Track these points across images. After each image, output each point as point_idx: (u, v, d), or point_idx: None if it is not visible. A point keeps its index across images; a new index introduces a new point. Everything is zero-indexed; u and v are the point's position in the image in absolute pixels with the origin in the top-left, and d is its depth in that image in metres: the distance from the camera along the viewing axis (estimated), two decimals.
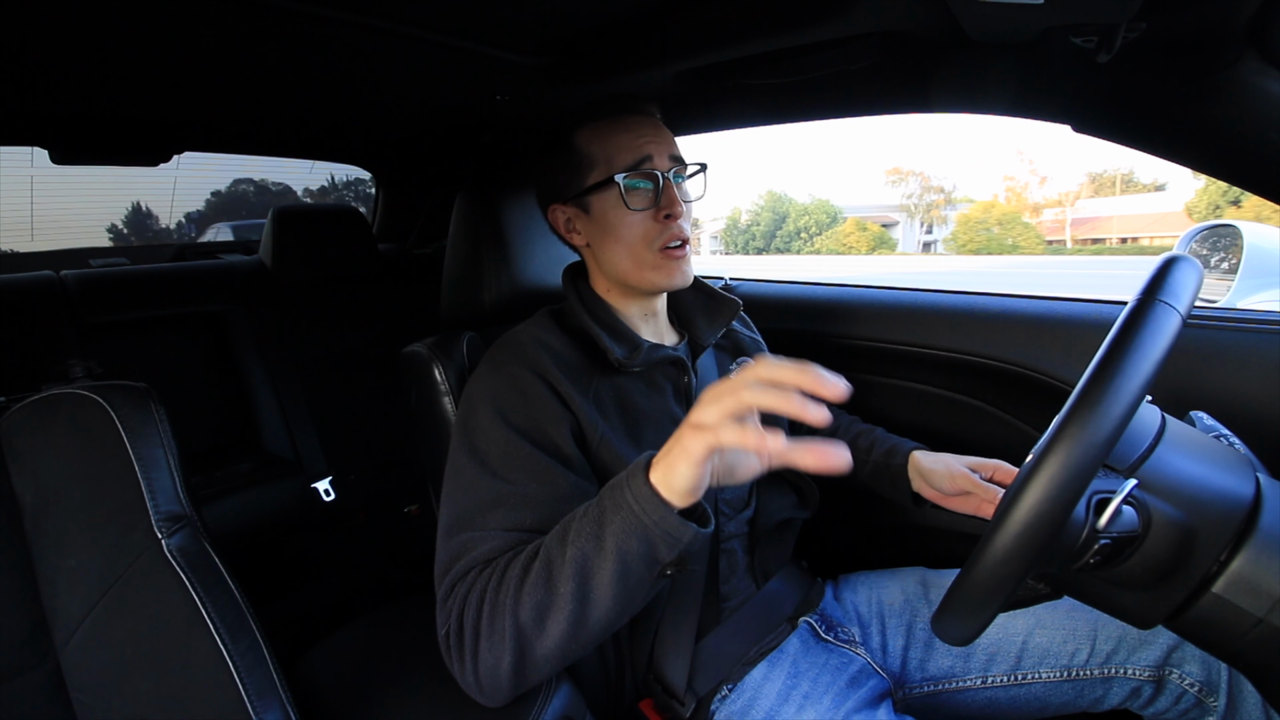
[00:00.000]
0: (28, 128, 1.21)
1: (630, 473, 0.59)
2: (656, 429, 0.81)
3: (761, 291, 1.45)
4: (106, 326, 1.50)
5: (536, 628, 0.59)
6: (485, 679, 0.61)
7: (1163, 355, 0.46)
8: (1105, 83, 0.74)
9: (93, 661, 0.62)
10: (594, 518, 0.59)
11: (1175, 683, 0.79)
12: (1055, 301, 1.11)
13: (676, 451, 0.55)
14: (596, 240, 0.84)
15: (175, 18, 0.71)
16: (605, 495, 0.60)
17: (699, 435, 0.53)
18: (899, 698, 0.90)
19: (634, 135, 0.80)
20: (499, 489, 0.68)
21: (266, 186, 3.88)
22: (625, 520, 0.57)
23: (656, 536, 0.56)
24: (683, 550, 0.58)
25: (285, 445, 1.65)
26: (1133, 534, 0.49)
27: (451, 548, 0.68)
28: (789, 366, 0.50)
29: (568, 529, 0.61)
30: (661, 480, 0.56)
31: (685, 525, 0.57)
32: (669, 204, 0.80)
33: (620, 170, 0.79)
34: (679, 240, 0.81)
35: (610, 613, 0.59)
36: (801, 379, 0.50)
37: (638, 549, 0.57)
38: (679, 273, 0.82)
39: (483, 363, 0.80)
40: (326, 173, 3.59)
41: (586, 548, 0.58)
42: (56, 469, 0.65)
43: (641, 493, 0.57)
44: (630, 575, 0.58)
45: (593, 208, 0.83)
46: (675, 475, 0.55)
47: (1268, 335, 0.89)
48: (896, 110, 1.07)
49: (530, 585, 0.59)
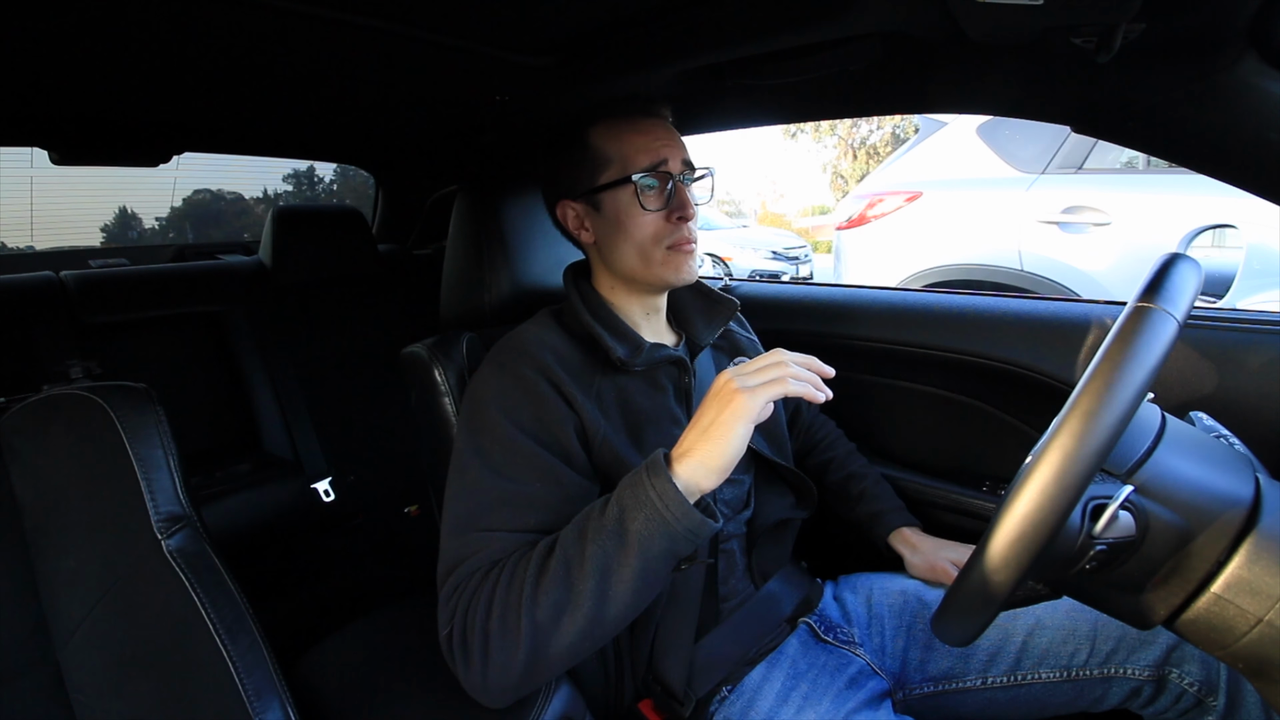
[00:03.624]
0: (28, 128, 1.21)
1: (649, 469, 0.60)
2: (657, 429, 0.81)
3: (761, 292, 1.45)
4: (106, 327, 1.49)
5: (553, 626, 0.59)
6: (494, 679, 0.61)
7: (1158, 363, 0.46)
8: (1105, 83, 0.74)
9: (92, 662, 0.62)
10: (614, 516, 0.60)
11: (1175, 683, 0.79)
12: (1055, 301, 1.11)
13: (725, 420, 0.60)
14: (607, 237, 0.85)
15: (176, 19, 0.71)
16: (624, 493, 0.61)
17: (755, 394, 0.60)
18: (899, 698, 0.90)
19: (651, 137, 0.83)
20: (505, 489, 0.69)
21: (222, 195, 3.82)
22: (649, 517, 0.58)
23: (679, 533, 0.58)
24: (698, 544, 0.60)
25: (285, 446, 1.65)
26: (1130, 539, 0.49)
27: (456, 548, 0.67)
28: (799, 355, 0.64)
29: (584, 527, 0.61)
30: (697, 469, 0.60)
31: (706, 521, 0.59)
32: (681, 206, 0.82)
33: (637, 171, 0.81)
34: (689, 240, 0.83)
35: (627, 609, 0.61)
36: (812, 363, 0.65)
37: (660, 545, 0.59)
38: (686, 267, 0.84)
39: (486, 363, 0.80)
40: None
41: (608, 546, 0.59)
42: (56, 470, 0.65)
43: (666, 489, 0.58)
44: (650, 573, 0.60)
45: (604, 205, 0.84)
46: (721, 447, 0.60)
47: (1268, 335, 0.89)
48: (897, 110, 1.07)
49: (547, 584, 0.60)
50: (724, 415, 0.60)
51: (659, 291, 0.88)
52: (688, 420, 0.85)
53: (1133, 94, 0.73)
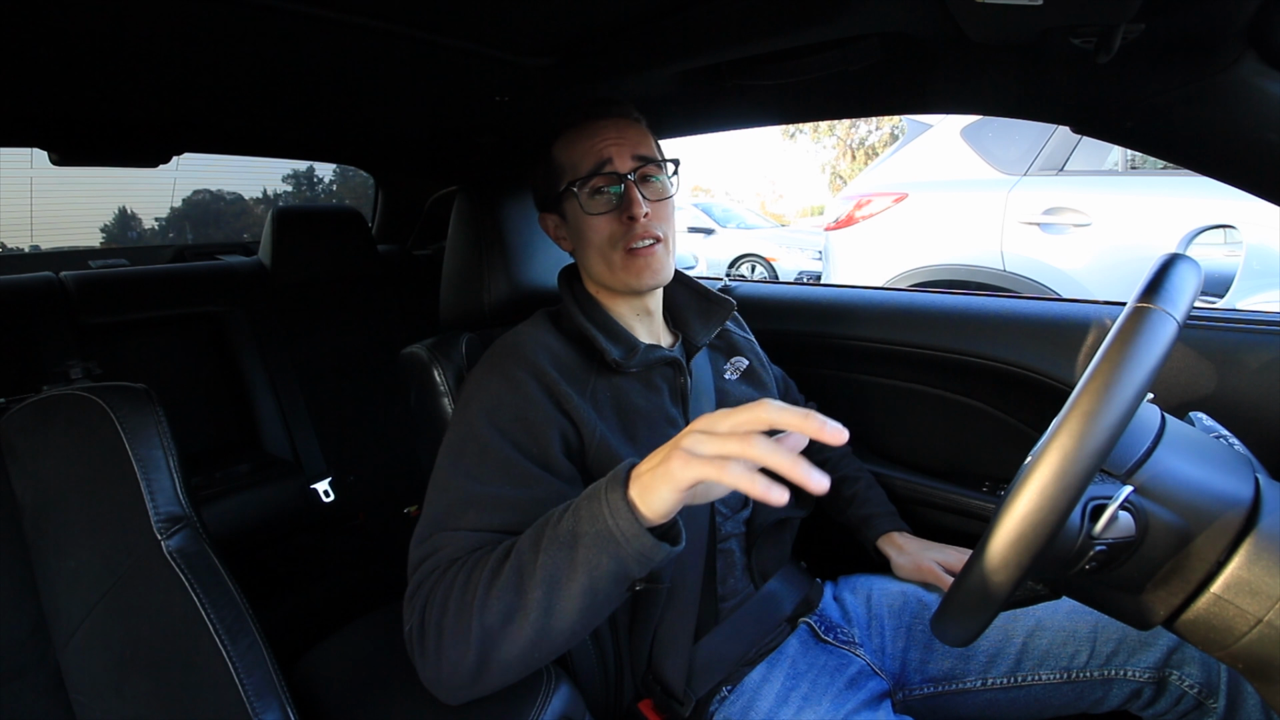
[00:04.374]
0: (28, 129, 1.21)
1: (609, 484, 0.57)
2: (651, 429, 0.81)
3: (760, 293, 1.45)
4: (106, 328, 1.50)
5: (502, 631, 0.58)
6: (447, 676, 0.61)
7: (1158, 363, 0.46)
8: (1105, 83, 0.74)
9: (92, 662, 0.62)
10: (568, 528, 0.57)
11: (1175, 684, 0.79)
12: (1055, 302, 1.11)
13: (660, 473, 0.52)
14: (575, 245, 0.87)
15: (176, 19, 0.71)
16: (582, 504, 0.58)
17: (689, 465, 0.50)
18: (899, 699, 0.90)
19: (595, 140, 0.82)
20: (472, 490, 0.68)
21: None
22: (599, 535, 0.55)
23: (628, 555, 0.54)
24: (653, 567, 0.56)
25: (285, 446, 1.65)
26: (1129, 540, 0.49)
27: (422, 547, 0.68)
28: (792, 411, 0.48)
29: (541, 534, 0.59)
30: (639, 497, 0.54)
31: (658, 545, 0.54)
32: (628, 205, 0.80)
33: (579, 177, 0.82)
34: (647, 239, 0.81)
35: (575, 625, 0.58)
36: (805, 424, 0.47)
37: (608, 566, 0.55)
38: (649, 270, 0.82)
39: (480, 363, 0.80)
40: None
41: (558, 558, 0.57)
42: (56, 470, 0.65)
43: (618, 508, 0.54)
44: (598, 591, 0.56)
45: (567, 215, 0.86)
46: (653, 497, 0.53)
47: (1268, 335, 0.89)
48: (896, 110, 1.07)
49: (500, 588, 0.58)
50: (659, 470, 0.53)
51: (634, 296, 0.87)
52: (684, 421, 0.85)
53: (1132, 94, 0.73)
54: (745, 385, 0.98)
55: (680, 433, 0.54)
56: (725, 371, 0.98)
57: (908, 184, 3.00)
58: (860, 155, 16.41)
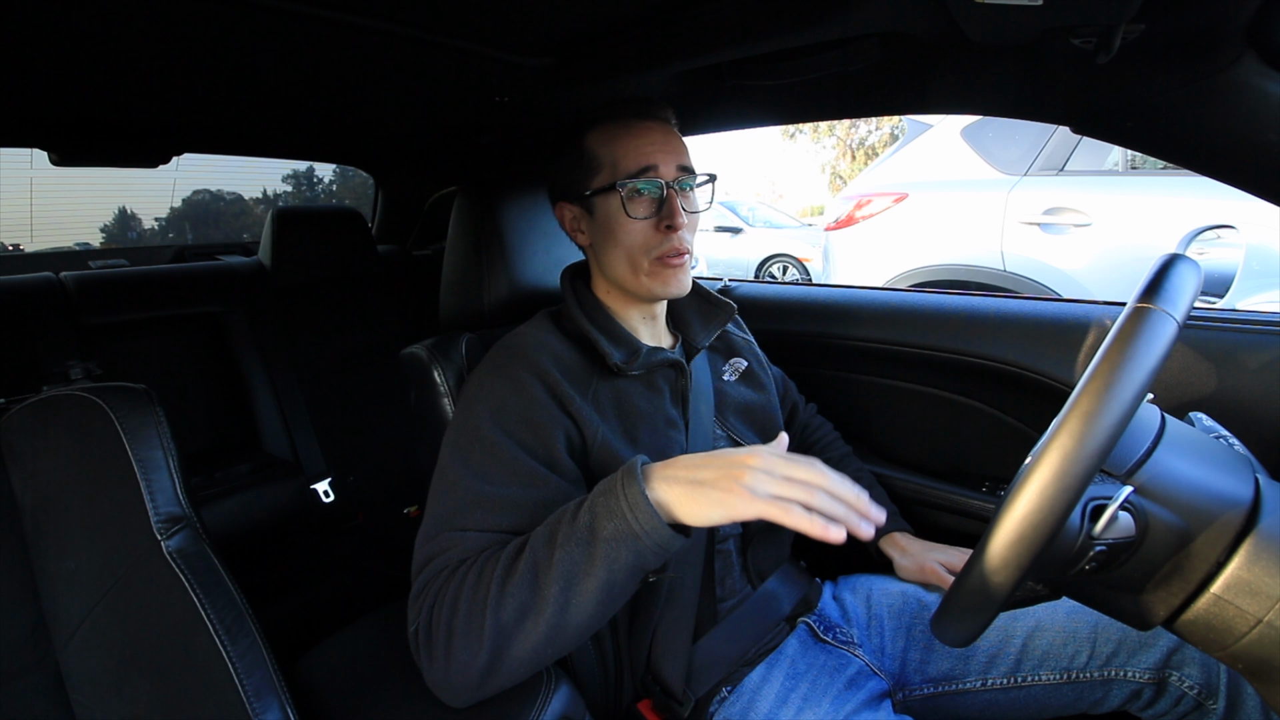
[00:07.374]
0: (28, 128, 1.21)
1: (624, 480, 0.59)
2: (652, 430, 0.81)
3: (761, 293, 1.45)
4: (106, 328, 1.50)
5: (516, 629, 0.59)
6: (455, 677, 0.61)
7: (1157, 364, 0.46)
8: (1104, 83, 0.74)
9: (92, 663, 0.62)
10: (585, 523, 0.59)
11: (1175, 685, 0.79)
12: (1055, 302, 1.11)
13: (716, 499, 0.56)
14: (598, 243, 0.85)
15: (175, 20, 0.71)
16: (597, 500, 0.60)
17: (753, 504, 0.55)
18: (898, 699, 0.90)
19: (642, 142, 0.81)
20: (480, 490, 0.68)
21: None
22: (618, 529, 0.57)
23: (647, 547, 0.57)
24: (666, 558, 0.59)
25: (284, 446, 1.65)
26: (1129, 540, 0.49)
27: (428, 547, 0.68)
28: (848, 488, 0.57)
29: (555, 530, 0.60)
30: (675, 503, 0.57)
31: (675, 537, 0.58)
32: (670, 215, 0.80)
33: (623, 176, 0.79)
34: (678, 251, 0.81)
35: (589, 620, 0.60)
36: (859, 503, 0.57)
37: (626, 558, 0.58)
38: (675, 281, 0.82)
39: (482, 364, 0.80)
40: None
41: (575, 554, 0.58)
42: (56, 470, 0.65)
43: (638, 503, 0.57)
44: (615, 584, 0.59)
45: (597, 210, 0.83)
46: (699, 511, 0.57)
47: (1267, 335, 0.89)
48: (896, 110, 1.07)
49: (514, 586, 0.59)
50: (714, 494, 0.56)
51: (650, 301, 0.87)
52: (683, 422, 0.85)
53: (1132, 94, 0.73)
54: (744, 386, 0.98)
55: (731, 459, 0.58)
56: (724, 373, 0.97)
57: (908, 184, 3.00)
58: (860, 155, 16.40)
